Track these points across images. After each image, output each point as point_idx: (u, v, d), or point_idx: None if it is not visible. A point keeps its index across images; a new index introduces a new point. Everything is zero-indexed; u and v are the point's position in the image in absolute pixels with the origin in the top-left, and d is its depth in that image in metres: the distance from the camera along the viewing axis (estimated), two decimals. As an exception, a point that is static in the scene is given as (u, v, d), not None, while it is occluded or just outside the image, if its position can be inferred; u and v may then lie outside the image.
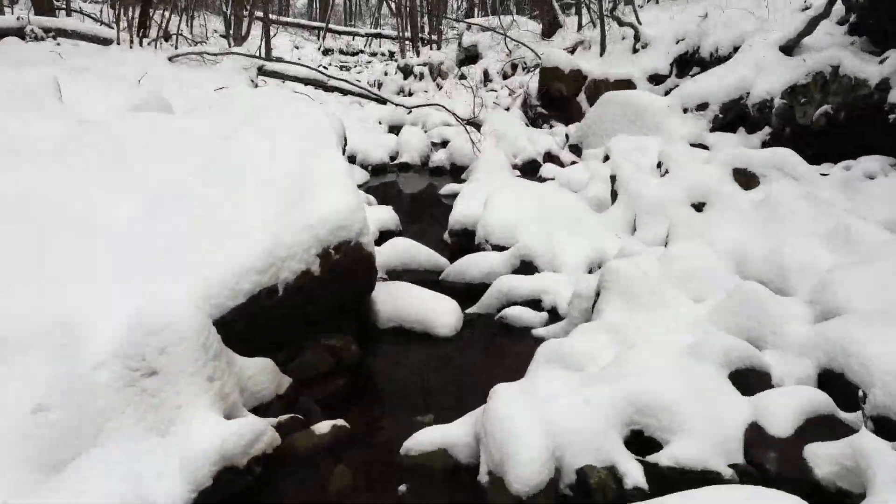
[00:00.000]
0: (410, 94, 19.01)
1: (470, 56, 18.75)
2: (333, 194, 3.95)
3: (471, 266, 5.47)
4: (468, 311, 4.87)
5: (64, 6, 17.63)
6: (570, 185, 8.07)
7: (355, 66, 31.58)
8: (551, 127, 12.73)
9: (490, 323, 4.65)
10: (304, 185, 3.92)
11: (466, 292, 5.39)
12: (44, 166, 3.76)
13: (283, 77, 12.56)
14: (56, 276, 3.30)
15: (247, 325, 3.56)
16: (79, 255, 3.42)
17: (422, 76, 19.56)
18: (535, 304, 4.76)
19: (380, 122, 13.60)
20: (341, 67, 31.61)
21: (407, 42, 26.98)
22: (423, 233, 7.27)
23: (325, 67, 30.21)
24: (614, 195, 6.41)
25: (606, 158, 8.88)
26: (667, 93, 11.21)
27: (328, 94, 15.96)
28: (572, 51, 14.41)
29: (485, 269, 5.41)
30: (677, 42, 11.65)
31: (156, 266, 3.34)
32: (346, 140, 9.55)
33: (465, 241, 6.45)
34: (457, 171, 9.77)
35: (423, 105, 10.81)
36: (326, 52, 33.40)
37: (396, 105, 10.87)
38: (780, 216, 5.00)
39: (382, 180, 9.86)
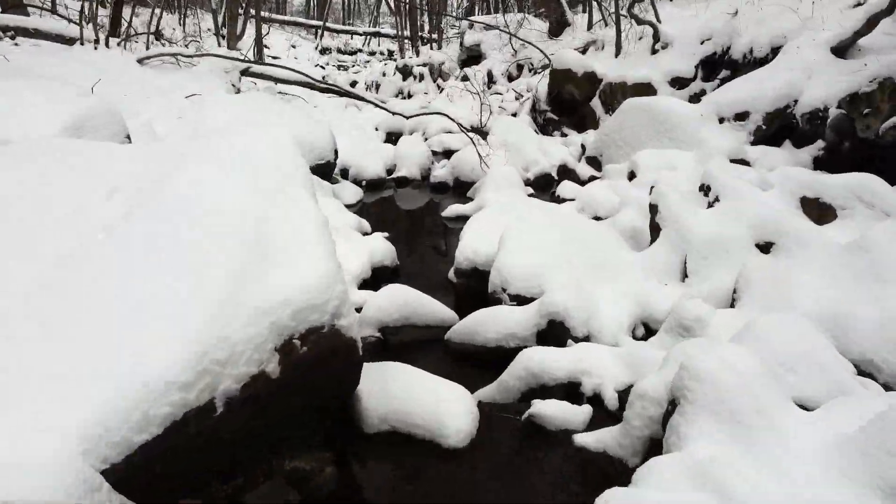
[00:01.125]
0: (410, 96, 17.79)
1: (472, 56, 17.51)
2: (300, 262, 2.76)
3: (485, 325, 4.29)
4: (484, 393, 3.68)
5: (49, 6, 16.37)
6: (593, 207, 6.88)
7: (353, 66, 30.35)
8: (563, 135, 11.53)
9: (514, 414, 3.46)
10: (258, 250, 2.72)
11: (478, 357, 4.24)
12: None
13: (271, 79, 11.35)
14: None
15: (166, 464, 2.38)
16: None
17: (422, 77, 18.33)
18: (571, 387, 3.57)
19: (377, 128, 12.39)
20: (339, 67, 30.37)
21: (406, 41, 25.74)
22: (423, 267, 6.09)
23: (322, 67, 29.05)
24: (654, 228, 5.22)
25: (632, 176, 7.69)
26: (693, 98, 10.04)
27: (325, 96, 14.75)
28: (583, 51, 13.21)
29: (502, 331, 4.23)
30: (702, 42, 10.45)
31: (16, 395, 2.15)
32: (336, 153, 8.38)
33: (475, 284, 5.27)
34: (461, 187, 8.58)
35: (424, 114, 9.60)
36: (324, 51, 32.16)
37: (394, 114, 9.66)
38: (885, 267, 3.81)
39: (378, 196, 8.66)
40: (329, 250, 2.88)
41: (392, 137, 12.45)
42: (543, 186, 8.79)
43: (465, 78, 15.80)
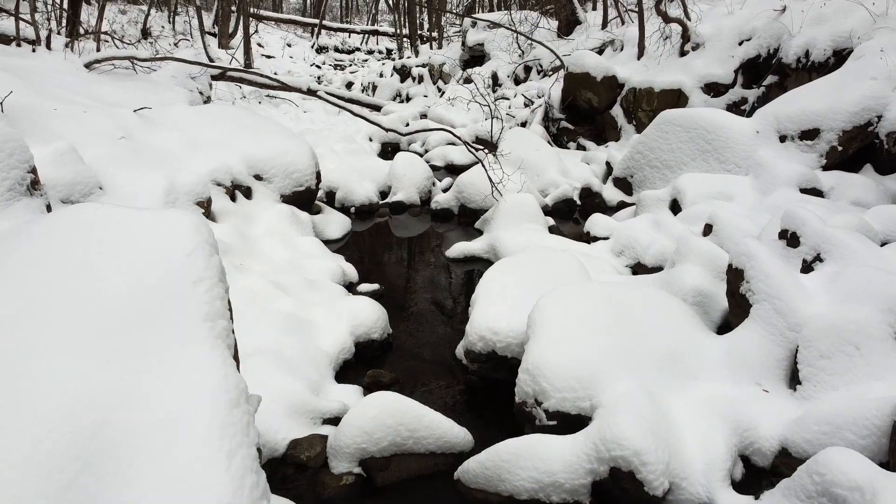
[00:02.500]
0: (408, 99, 16.32)
1: (475, 56, 16.03)
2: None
3: (514, 465, 2.86)
4: None
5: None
6: (633, 250, 5.44)
7: (350, 65, 28.85)
8: (580, 147, 10.08)
9: None
10: (76, 483, 1.28)
11: (505, 511, 2.83)
12: None
13: (253, 84, 9.88)
14: None
15: None
16: None
17: (421, 79, 16.85)
18: None
19: (370, 139, 10.92)
20: (336, 66, 28.88)
21: (405, 39, 24.26)
22: (423, 336, 4.64)
23: (318, 66, 27.50)
24: (736, 298, 3.77)
25: (675, 206, 6.25)
26: (732, 107, 8.61)
27: (320, 101, 13.28)
28: (599, 52, 11.75)
29: (540, 477, 2.80)
30: (741, 43, 9.02)
31: None
32: (318, 176, 6.92)
33: (494, 372, 3.86)
34: (468, 216, 7.11)
35: (424, 130, 8.14)
36: (320, 49, 30.61)
37: (387, 130, 8.17)
38: None
39: (370, 225, 7.20)
40: (238, 470, 1.43)
41: (388, 149, 11.00)
42: (565, 213, 7.34)
43: (467, 80, 14.32)
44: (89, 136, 5.39)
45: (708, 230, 5.49)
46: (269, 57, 26.27)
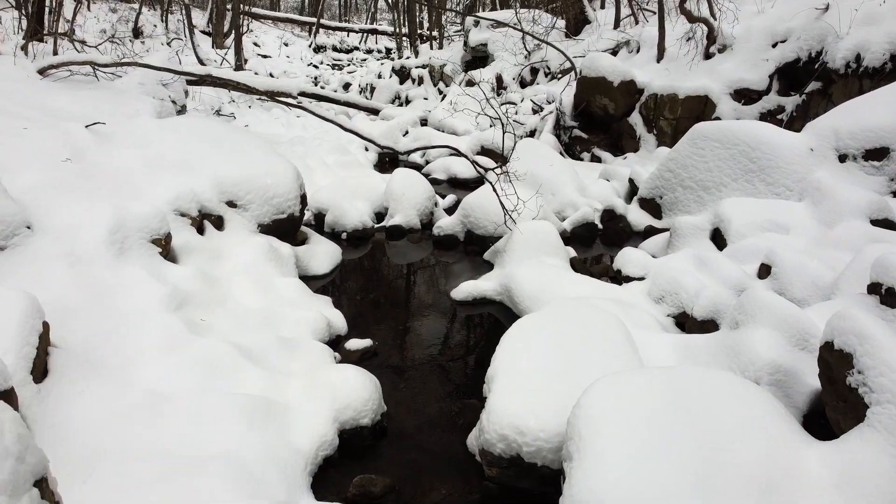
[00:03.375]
0: (408, 102, 15.34)
1: (478, 57, 15.04)
2: None
3: None
4: None
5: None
6: (676, 297, 4.49)
7: (349, 65, 27.84)
8: (595, 157, 9.13)
9: None
10: None
11: None
12: None
13: (235, 90, 8.91)
14: None
15: None
16: None
17: (421, 80, 15.87)
18: None
19: (366, 149, 9.95)
20: (334, 66, 27.87)
21: (404, 39, 23.26)
22: (426, 413, 3.68)
23: (315, 66, 26.48)
24: (838, 386, 2.83)
25: (717, 236, 5.30)
26: (766, 116, 7.67)
27: (309, 101, 12.30)
28: (613, 53, 10.78)
29: None
30: (774, 45, 8.06)
31: None
32: (304, 199, 5.95)
33: (517, 478, 2.93)
34: (475, 243, 6.15)
35: (425, 147, 7.16)
36: (318, 49, 29.56)
37: (382, 147, 7.17)
38: None
39: (364, 252, 6.24)
40: None
41: (385, 159, 10.03)
42: (585, 239, 6.38)
43: (469, 83, 13.34)
44: (26, 159, 4.44)
45: (765, 272, 4.56)
46: (265, 56, 25.27)
